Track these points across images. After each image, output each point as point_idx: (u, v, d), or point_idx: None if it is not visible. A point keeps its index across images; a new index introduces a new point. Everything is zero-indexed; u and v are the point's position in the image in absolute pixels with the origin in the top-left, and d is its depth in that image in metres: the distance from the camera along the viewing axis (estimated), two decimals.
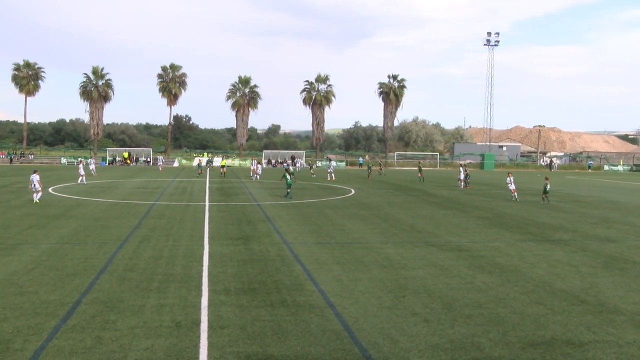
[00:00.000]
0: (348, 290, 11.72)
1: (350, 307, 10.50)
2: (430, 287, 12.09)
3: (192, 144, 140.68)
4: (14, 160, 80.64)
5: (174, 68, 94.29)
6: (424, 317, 9.98)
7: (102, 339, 8.52)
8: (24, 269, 12.88)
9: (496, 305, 10.80)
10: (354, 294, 11.39)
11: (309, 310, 10.25)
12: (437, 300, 11.11)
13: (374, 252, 15.91)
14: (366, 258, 15.08)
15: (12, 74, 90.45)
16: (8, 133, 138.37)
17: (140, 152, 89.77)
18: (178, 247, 15.97)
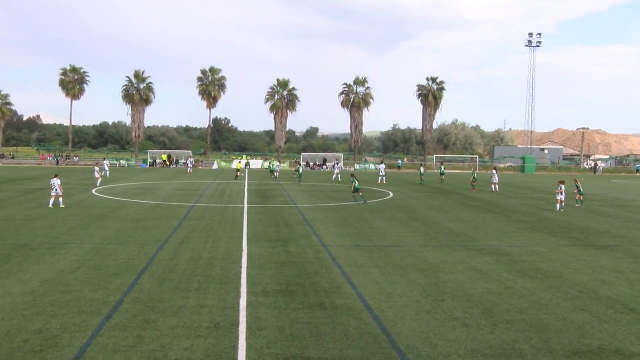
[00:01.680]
0: (386, 293, 11.65)
1: (388, 310, 10.44)
2: (469, 292, 11.92)
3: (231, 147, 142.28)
4: (60, 162, 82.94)
5: (213, 71, 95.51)
6: (463, 322, 9.85)
7: (143, 338, 8.68)
8: (69, 268, 13.23)
9: (538, 311, 10.57)
10: (392, 297, 11.32)
11: (347, 313, 10.23)
12: (477, 304, 10.94)
13: (412, 255, 15.79)
14: (404, 261, 14.97)
15: (60, 79, 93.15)
16: (55, 135, 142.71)
17: (180, 154, 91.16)
18: (217, 249, 16.16)
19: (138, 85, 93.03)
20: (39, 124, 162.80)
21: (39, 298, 10.67)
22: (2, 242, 16.54)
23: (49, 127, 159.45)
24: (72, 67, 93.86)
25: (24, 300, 10.52)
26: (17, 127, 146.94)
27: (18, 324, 9.14)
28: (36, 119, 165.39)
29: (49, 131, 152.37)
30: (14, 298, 10.64)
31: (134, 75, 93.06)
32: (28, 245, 16.02)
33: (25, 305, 10.17)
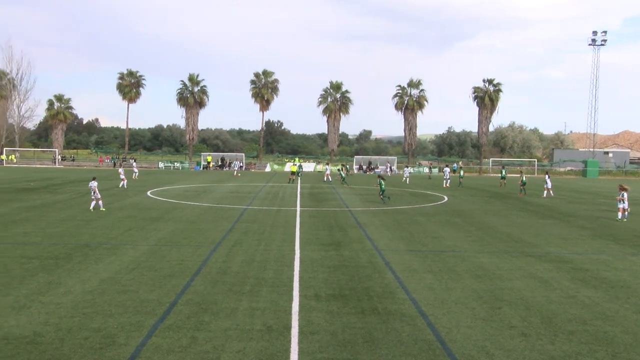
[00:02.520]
0: (440, 299, 11.50)
1: (442, 317, 10.30)
2: (528, 300, 11.62)
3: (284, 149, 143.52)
4: (117, 164, 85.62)
5: (266, 74, 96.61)
6: (521, 331, 9.61)
7: (197, 340, 8.85)
8: (125, 269, 13.64)
9: (603, 323, 10.20)
10: (447, 304, 11.16)
11: (400, 318, 10.15)
12: (536, 313, 10.66)
13: (467, 261, 15.52)
14: (459, 267, 14.74)
15: (117, 83, 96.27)
16: (112, 138, 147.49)
17: (233, 157, 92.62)
18: (270, 252, 16.32)
19: (192, 88, 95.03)
20: (97, 127, 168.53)
21: (98, 297, 11.05)
22: (64, 241, 17.21)
23: (106, 130, 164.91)
24: (129, 71, 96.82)
25: (84, 298, 10.92)
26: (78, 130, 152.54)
27: (79, 322, 9.49)
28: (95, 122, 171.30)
29: (106, 134, 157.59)
30: (75, 296, 11.05)
31: (188, 78, 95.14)
32: (87, 246, 16.61)
33: (85, 304, 10.54)
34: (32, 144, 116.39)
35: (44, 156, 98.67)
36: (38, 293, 11.23)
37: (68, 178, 51.05)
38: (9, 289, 11.52)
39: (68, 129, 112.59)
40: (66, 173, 62.00)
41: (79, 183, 43.89)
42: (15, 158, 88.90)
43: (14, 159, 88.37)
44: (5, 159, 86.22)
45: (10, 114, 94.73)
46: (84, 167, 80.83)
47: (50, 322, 9.43)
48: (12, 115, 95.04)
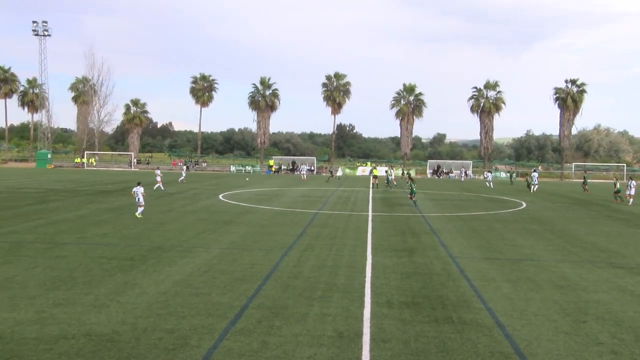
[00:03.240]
0: (519, 310, 11.16)
1: (521, 328, 9.98)
2: (617, 315, 11.08)
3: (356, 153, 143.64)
4: (190, 168, 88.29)
5: (338, 77, 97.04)
6: (611, 348, 9.17)
7: (268, 344, 8.98)
8: (198, 271, 14.02)
9: None
10: (526, 315, 10.81)
11: (476, 329, 9.92)
12: (628, 330, 10.14)
13: (547, 271, 14.99)
14: (539, 277, 14.25)
15: (190, 87, 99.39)
16: (185, 142, 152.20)
17: (305, 160, 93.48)
18: (341, 257, 16.35)
19: (264, 91, 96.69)
20: (171, 130, 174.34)
21: (171, 299, 11.41)
22: (139, 243, 17.90)
23: (180, 133, 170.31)
24: (202, 75, 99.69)
25: (158, 300, 11.31)
26: (152, 134, 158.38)
27: (154, 322, 9.84)
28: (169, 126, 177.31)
29: (180, 138, 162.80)
30: (150, 297, 11.47)
31: (260, 82, 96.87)
32: (161, 248, 17.20)
33: (159, 305, 10.92)
34: (110, 148, 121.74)
35: (121, 159, 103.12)
36: (116, 293, 11.73)
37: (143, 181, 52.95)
38: (90, 287, 12.11)
39: (143, 132, 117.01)
40: (141, 176, 64.44)
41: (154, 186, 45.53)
42: (94, 161, 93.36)
43: (94, 162, 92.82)
44: (86, 162, 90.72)
45: (90, 119, 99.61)
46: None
47: (127, 322, 9.82)
48: (93, 120, 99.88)
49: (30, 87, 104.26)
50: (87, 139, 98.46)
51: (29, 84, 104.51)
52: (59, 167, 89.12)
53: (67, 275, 13.20)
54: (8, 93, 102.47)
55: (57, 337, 8.96)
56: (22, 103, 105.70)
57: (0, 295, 11.42)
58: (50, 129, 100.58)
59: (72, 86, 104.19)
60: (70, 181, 50.28)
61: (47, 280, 12.67)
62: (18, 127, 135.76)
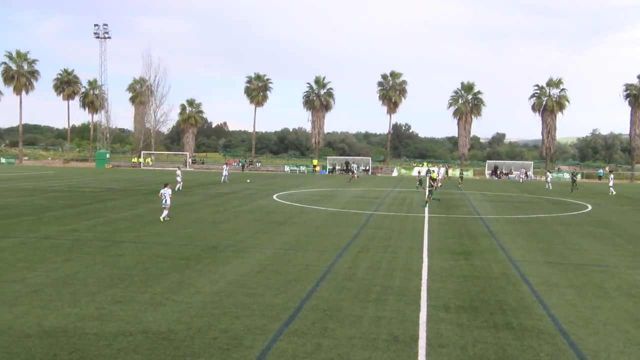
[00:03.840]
0: (584, 318, 10.81)
1: (588, 338, 9.67)
2: None
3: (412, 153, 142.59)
4: (245, 168, 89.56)
5: (394, 75, 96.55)
6: None
7: (322, 346, 9.00)
8: (252, 272, 14.20)
9: None
10: (592, 324, 10.47)
11: (538, 336, 9.67)
12: None
13: (616, 278, 14.47)
14: (607, 283, 13.77)
15: (245, 87, 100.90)
16: (240, 142, 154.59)
17: (359, 160, 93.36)
18: (396, 259, 16.26)
19: (319, 91, 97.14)
20: (225, 130, 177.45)
21: (225, 299, 11.60)
22: (193, 243, 18.28)
23: (234, 133, 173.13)
24: (257, 75, 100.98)
25: (213, 299, 11.51)
26: (207, 134, 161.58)
27: (208, 322, 10.03)
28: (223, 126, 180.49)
29: (234, 138, 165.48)
30: (205, 297, 11.69)
31: (314, 81, 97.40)
32: (216, 248, 17.51)
33: (213, 305, 11.12)
34: (166, 148, 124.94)
35: (176, 159, 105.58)
36: (171, 292, 12.01)
37: (198, 181, 54.11)
38: (146, 286, 12.44)
39: (198, 132, 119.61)
40: (196, 176, 65.79)
41: (208, 186, 46.41)
42: (151, 161, 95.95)
43: (150, 162, 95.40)
44: (142, 162, 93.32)
45: (147, 119, 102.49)
46: (213, 170, 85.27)
47: (182, 321, 10.04)
48: (149, 120, 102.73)
49: (91, 88, 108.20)
50: (144, 138, 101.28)
51: (90, 86, 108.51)
52: (117, 166, 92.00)
53: (125, 273, 13.61)
54: (71, 95, 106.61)
55: (115, 334, 9.25)
56: (83, 104, 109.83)
57: (63, 291, 11.88)
58: (108, 129, 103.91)
59: (129, 87, 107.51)
60: (127, 181, 51.83)
61: (106, 278, 13.10)
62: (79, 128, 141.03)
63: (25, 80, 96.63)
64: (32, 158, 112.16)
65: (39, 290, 11.87)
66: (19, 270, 13.74)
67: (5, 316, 10.08)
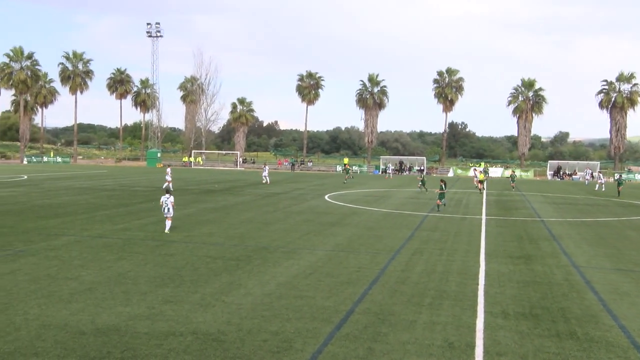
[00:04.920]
0: None
1: None
2: None
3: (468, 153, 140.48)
4: (295, 167, 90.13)
5: (450, 72, 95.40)
6: None
7: (374, 351, 8.97)
8: (302, 274, 14.28)
9: None
10: None
11: (606, 347, 9.37)
12: None
13: None
14: None
15: (297, 85, 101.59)
16: (290, 141, 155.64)
17: (414, 160, 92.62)
18: (452, 263, 16.06)
19: (372, 89, 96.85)
20: (276, 129, 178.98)
21: (276, 301, 11.70)
22: (244, 243, 18.51)
23: (285, 132, 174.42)
24: (309, 73, 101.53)
25: (263, 301, 11.63)
26: (258, 133, 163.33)
27: (258, 324, 10.14)
28: (274, 125, 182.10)
29: (285, 137, 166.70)
30: (255, 298, 11.82)
31: (368, 79, 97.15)
32: (266, 248, 17.69)
33: (264, 307, 11.23)
34: (216, 147, 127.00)
35: (227, 158, 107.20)
36: (221, 293, 12.20)
37: (248, 180, 54.77)
38: (196, 286, 12.68)
39: (249, 131, 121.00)
40: (247, 175, 66.60)
41: (258, 186, 46.90)
42: (201, 160, 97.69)
43: (201, 161, 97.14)
44: (193, 161, 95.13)
45: (198, 118, 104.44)
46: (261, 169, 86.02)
47: (232, 322, 10.18)
48: (200, 119, 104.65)
49: (143, 87, 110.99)
50: (195, 137, 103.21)
51: (142, 85, 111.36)
52: (168, 165, 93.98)
53: (175, 273, 13.90)
54: (123, 94, 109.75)
55: (166, 334, 9.46)
56: (135, 103, 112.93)
57: (116, 289, 12.24)
58: (160, 128, 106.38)
59: (181, 85, 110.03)
60: (177, 180, 52.90)
61: (157, 277, 13.41)
62: (131, 127, 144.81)
63: (81, 80, 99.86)
64: (86, 157, 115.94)
65: (92, 288, 12.26)
66: (74, 268, 14.23)
67: (62, 312, 10.47)
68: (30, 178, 50.32)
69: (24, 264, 14.63)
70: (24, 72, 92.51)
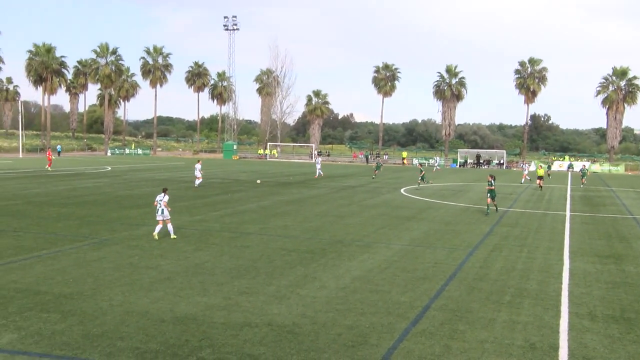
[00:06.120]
0: None
1: None
2: None
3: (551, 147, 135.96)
4: (370, 160, 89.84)
5: (533, 62, 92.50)
6: None
7: (450, 349, 8.85)
8: (378, 268, 14.25)
9: None
10: None
11: None
12: None
13: None
14: None
15: (372, 77, 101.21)
16: (366, 133, 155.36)
17: (493, 154, 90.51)
18: (533, 260, 15.61)
19: (450, 80, 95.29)
20: (352, 122, 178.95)
21: (350, 295, 11.73)
22: (319, 236, 18.65)
23: (360, 125, 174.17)
24: (385, 65, 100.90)
25: (338, 295, 11.69)
26: (333, 125, 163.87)
27: (333, 318, 10.20)
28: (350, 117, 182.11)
29: (360, 129, 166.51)
30: (329, 292, 11.89)
31: (445, 70, 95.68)
32: (341, 242, 17.75)
33: (338, 300, 11.28)
34: (291, 139, 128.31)
35: (302, 151, 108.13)
36: (296, 285, 12.35)
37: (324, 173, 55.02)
38: (271, 278, 12.89)
39: (324, 124, 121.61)
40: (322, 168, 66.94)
41: (334, 178, 47.09)
42: (277, 152, 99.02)
43: (276, 153, 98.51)
44: (268, 154, 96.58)
45: (273, 110, 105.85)
46: (338, 163, 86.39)
47: (306, 315, 10.29)
48: (275, 111, 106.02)
49: (220, 80, 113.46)
50: (270, 130, 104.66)
51: (219, 78, 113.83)
52: (243, 158, 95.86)
53: (251, 265, 14.17)
54: (201, 87, 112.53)
55: (242, 324, 9.67)
56: (212, 96, 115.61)
57: (193, 279, 12.61)
58: (236, 120, 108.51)
59: (257, 78, 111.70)
60: (253, 172, 53.86)
61: (233, 269, 13.72)
62: (208, 119, 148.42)
63: (160, 73, 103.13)
64: (165, 149, 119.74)
65: (171, 278, 12.69)
66: (153, 257, 14.77)
67: (143, 300, 10.90)
68: (113, 169, 52.54)
69: (109, 252, 15.32)
70: (108, 67, 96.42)
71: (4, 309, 10.23)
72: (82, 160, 71.61)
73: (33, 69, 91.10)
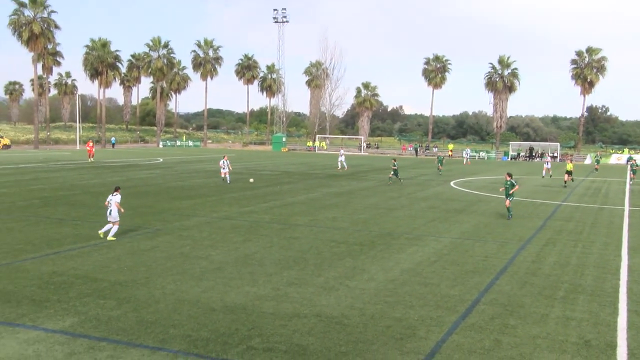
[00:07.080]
0: None
1: None
2: None
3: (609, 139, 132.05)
4: (419, 153, 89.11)
5: (591, 52, 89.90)
6: None
7: (501, 343, 8.74)
8: (427, 261, 14.16)
9: None
10: None
11: None
12: None
13: None
14: None
15: (423, 68, 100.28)
16: (415, 126, 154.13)
17: (546, 147, 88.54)
18: (588, 255, 15.24)
19: (502, 71, 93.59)
20: (401, 114, 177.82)
21: (399, 287, 11.70)
22: (368, 228, 18.64)
23: (410, 117, 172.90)
24: (435, 56, 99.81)
25: (386, 287, 11.67)
26: (382, 117, 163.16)
27: (381, 310, 10.20)
28: (399, 110, 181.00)
29: (410, 121, 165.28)
30: (378, 284, 11.89)
31: (498, 61, 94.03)
32: (390, 234, 17.70)
33: (387, 292, 11.27)
34: (340, 131, 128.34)
35: (350, 143, 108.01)
36: (345, 277, 12.38)
37: (373, 166, 54.90)
38: (320, 270, 12.96)
39: (373, 116, 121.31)
40: (371, 160, 66.80)
41: (383, 171, 46.88)
42: (325, 145, 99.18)
43: (325, 145, 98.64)
44: (317, 146, 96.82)
45: (322, 102, 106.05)
46: (387, 155, 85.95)
47: (355, 307, 10.32)
48: (324, 104, 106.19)
49: (269, 72, 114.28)
50: (319, 122, 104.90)
51: (268, 70, 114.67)
52: (292, 150, 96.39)
53: (300, 256, 14.28)
54: (250, 79, 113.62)
55: (291, 315, 9.77)
56: (261, 88, 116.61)
57: (243, 270, 12.80)
58: (285, 112, 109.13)
59: (306, 70, 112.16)
60: (302, 164, 54.13)
61: (282, 260, 13.85)
62: (257, 112, 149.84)
63: (211, 66, 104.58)
64: (215, 141, 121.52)
65: (221, 268, 12.90)
66: (204, 247, 15.04)
67: (194, 289, 11.13)
68: (165, 161, 53.62)
69: (161, 241, 15.68)
70: (161, 60, 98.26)
71: (65, 294, 10.65)
72: (135, 151, 73.34)
73: (89, 63, 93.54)
